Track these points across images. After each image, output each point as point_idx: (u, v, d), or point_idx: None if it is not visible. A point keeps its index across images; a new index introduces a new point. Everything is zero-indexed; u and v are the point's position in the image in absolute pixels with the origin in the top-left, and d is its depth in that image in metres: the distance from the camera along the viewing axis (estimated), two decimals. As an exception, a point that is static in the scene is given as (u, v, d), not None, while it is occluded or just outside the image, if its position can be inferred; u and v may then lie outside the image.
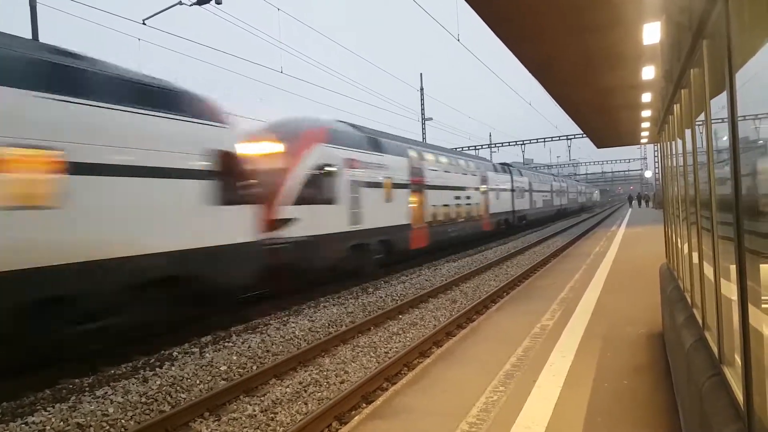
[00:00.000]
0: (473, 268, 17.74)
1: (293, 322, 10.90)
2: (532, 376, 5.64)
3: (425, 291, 13.51)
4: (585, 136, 25.11)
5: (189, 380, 7.53)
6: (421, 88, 39.57)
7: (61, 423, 6.11)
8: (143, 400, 6.82)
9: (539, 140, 52.24)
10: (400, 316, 11.26)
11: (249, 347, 9.11)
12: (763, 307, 1.84)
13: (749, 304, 1.83)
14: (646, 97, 10.97)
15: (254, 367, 8.13)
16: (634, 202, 65.20)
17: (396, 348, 8.93)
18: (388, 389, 6.56)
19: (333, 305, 12.64)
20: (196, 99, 10.18)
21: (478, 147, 52.39)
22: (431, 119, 40.82)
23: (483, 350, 6.98)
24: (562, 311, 8.77)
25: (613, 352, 6.32)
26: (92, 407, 6.54)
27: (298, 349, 8.93)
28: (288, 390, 7.09)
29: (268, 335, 9.91)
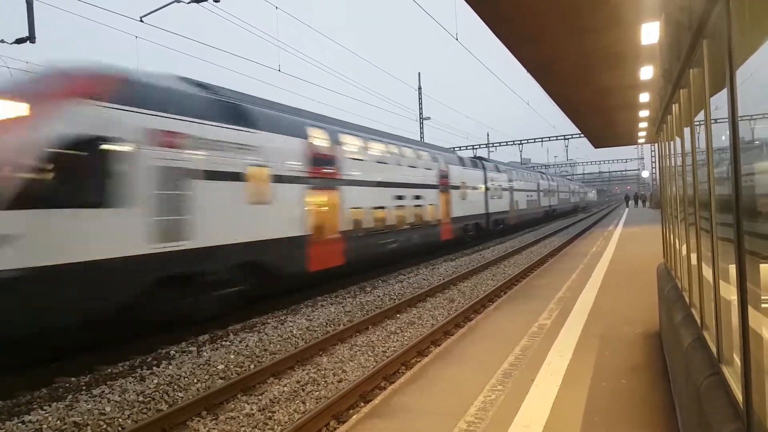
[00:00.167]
0: (471, 267, 17.77)
1: (291, 321, 10.90)
2: (530, 375, 5.65)
3: (423, 290, 13.52)
4: (582, 136, 25.15)
5: (186, 379, 7.51)
6: (419, 88, 39.61)
7: (58, 422, 6.09)
8: (140, 399, 6.80)
9: (536, 140, 52.30)
10: (398, 315, 11.27)
11: (247, 346, 9.09)
12: (762, 307, 1.85)
13: (748, 304, 1.84)
14: (644, 97, 10.99)
15: (252, 366, 8.12)
16: (631, 202, 65.35)
17: (394, 347, 8.93)
18: (386, 388, 6.55)
19: (331, 304, 12.63)
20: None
21: (475, 147, 52.47)
22: (429, 119, 40.90)
23: (481, 349, 6.99)
24: (560, 310, 8.79)
25: (610, 352, 6.33)
26: (89, 406, 6.53)
27: (296, 348, 8.93)
28: (286, 389, 7.08)
29: (266, 334, 9.90)
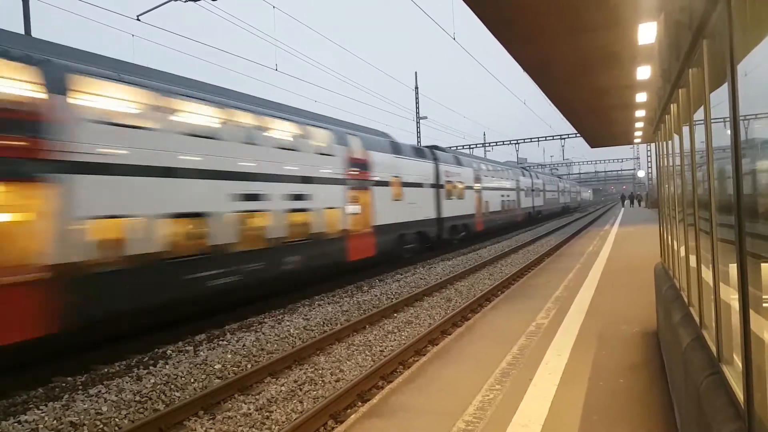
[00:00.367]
0: (467, 266, 17.78)
1: (288, 321, 10.88)
2: (528, 374, 5.66)
3: (420, 289, 13.52)
4: (579, 135, 25.23)
5: (183, 379, 7.49)
6: (416, 87, 39.62)
7: (55, 422, 6.06)
8: (137, 398, 6.78)
9: (533, 140, 52.39)
10: (395, 315, 11.26)
11: (244, 345, 9.07)
12: (763, 306, 1.85)
13: (749, 304, 1.84)
14: (641, 97, 11.03)
15: (249, 366, 8.10)
16: (627, 201, 65.56)
17: (391, 346, 8.93)
18: (384, 388, 6.55)
19: (328, 303, 12.62)
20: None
21: (472, 146, 52.52)
22: (425, 118, 40.90)
23: (479, 349, 6.99)
24: (557, 310, 8.81)
25: (608, 351, 6.34)
26: (86, 406, 6.50)
27: (293, 347, 8.91)
28: (283, 388, 7.07)
29: (263, 333, 9.88)
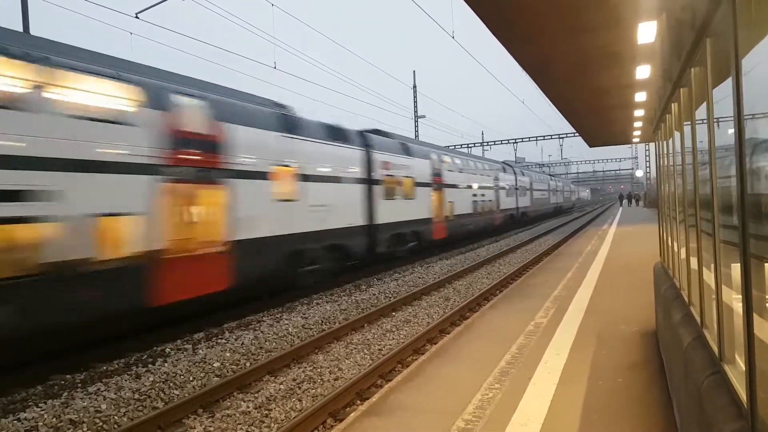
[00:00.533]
0: (465, 266, 17.78)
1: (286, 319, 10.87)
2: (527, 373, 5.66)
3: (418, 288, 13.51)
4: (577, 135, 25.25)
5: (182, 377, 7.47)
6: (414, 86, 39.60)
7: (54, 419, 6.05)
8: (136, 396, 6.76)
9: (531, 139, 52.41)
10: (394, 314, 11.26)
11: (242, 344, 9.06)
12: (767, 307, 1.85)
13: (753, 303, 1.84)
14: (640, 97, 11.04)
15: (248, 364, 8.09)
16: (625, 201, 65.69)
17: (390, 345, 8.93)
18: (382, 386, 6.55)
19: (326, 302, 12.61)
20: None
21: (470, 145, 52.54)
22: (424, 117, 40.91)
23: (477, 348, 7.00)
24: (556, 309, 8.82)
25: (607, 350, 6.36)
26: (85, 403, 6.48)
27: (292, 345, 8.90)
28: (282, 387, 7.06)
29: (261, 332, 9.87)
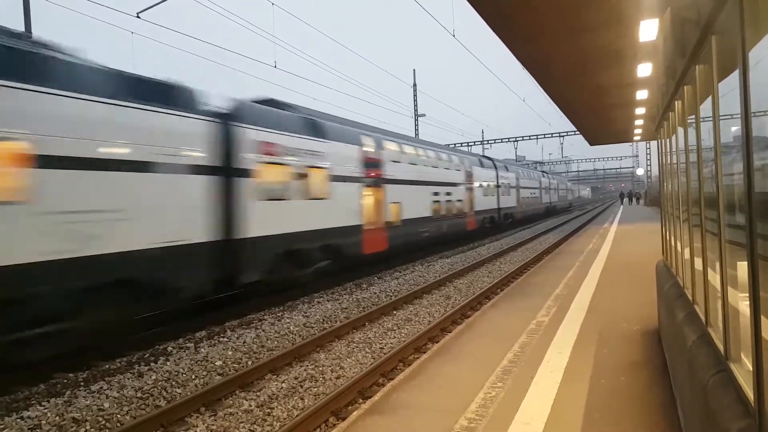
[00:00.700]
0: (466, 264, 17.78)
1: (288, 318, 10.88)
2: (530, 372, 5.66)
3: (419, 287, 13.52)
4: (578, 133, 25.23)
5: (184, 375, 7.48)
6: (414, 85, 39.59)
7: (57, 417, 6.06)
8: (139, 395, 6.77)
9: (531, 137, 52.38)
10: (395, 312, 11.26)
11: (244, 342, 9.07)
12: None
13: (760, 303, 1.84)
14: (641, 95, 11.03)
15: (249, 362, 8.10)
16: (626, 199, 65.68)
17: (391, 344, 8.93)
18: (384, 385, 6.56)
19: (327, 301, 12.62)
20: None
21: (470, 144, 52.52)
22: (424, 115, 40.91)
23: (479, 346, 6.99)
24: (557, 308, 8.81)
25: (609, 349, 6.35)
26: (87, 402, 6.49)
27: (293, 344, 8.91)
28: (284, 385, 7.07)
29: (263, 330, 9.87)
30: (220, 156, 10.65)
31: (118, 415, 6.20)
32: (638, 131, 19.67)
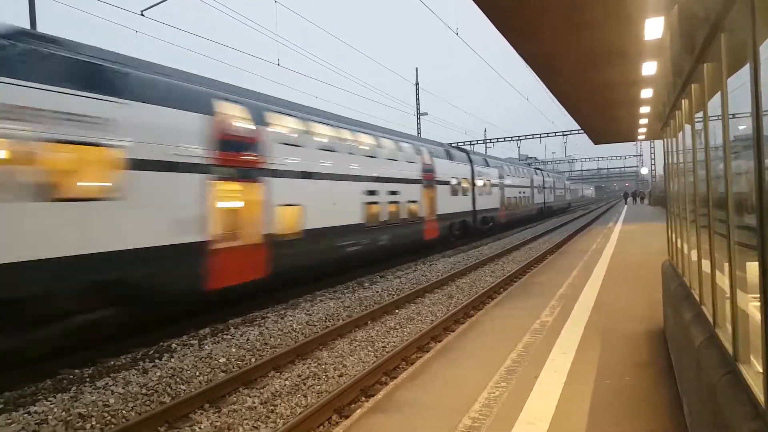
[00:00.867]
0: (469, 263, 17.77)
1: (291, 316, 10.89)
2: (534, 372, 5.64)
3: (421, 286, 13.51)
4: (582, 132, 25.17)
5: (189, 372, 7.50)
6: (416, 83, 39.55)
7: (63, 413, 6.09)
8: (143, 391, 6.80)
9: (535, 136, 52.28)
10: (397, 311, 11.26)
11: (247, 340, 9.08)
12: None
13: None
14: (646, 93, 10.99)
15: (253, 360, 8.11)
16: (630, 198, 65.48)
17: (394, 342, 8.93)
18: (387, 384, 6.55)
19: (330, 299, 12.63)
20: None
21: (473, 142, 52.47)
22: (426, 114, 40.88)
23: (482, 346, 6.98)
24: (562, 307, 8.79)
25: (613, 349, 6.33)
26: (93, 398, 6.53)
27: (296, 342, 8.92)
28: (287, 383, 7.08)
29: (266, 328, 9.89)
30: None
31: (123, 411, 6.23)
32: (642, 130, 19.62)
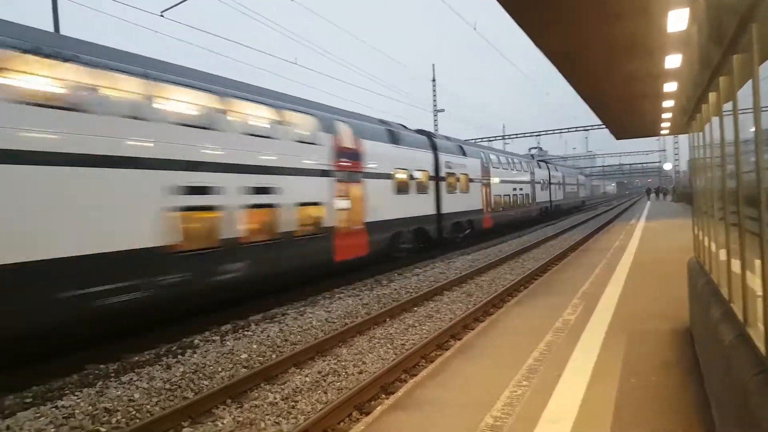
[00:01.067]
0: (488, 261, 17.64)
1: (310, 313, 10.96)
2: (556, 370, 5.58)
3: (440, 284, 13.47)
4: (603, 127, 24.74)
5: (211, 368, 7.62)
6: (433, 79, 39.38)
7: (90, 407, 6.24)
8: (167, 386, 6.92)
9: (555, 131, 51.64)
10: (416, 309, 11.24)
11: (268, 336, 9.18)
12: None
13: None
14: (670, 87, 10.73)
15: (274, 356, 8.19)
16: (652, 194, 64.32)
17: (413, 340, 8.92)
18: (407, 381, 6.55)
19: (348, 296, 12.67)
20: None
21: (491, 138, 52.05)
22: (443, 110, 40.71)
23: (503, 344, 6.93)
24: (584, 306, 8.67)
25: (638, 348, 6.22)
26: (118, 392, 6.67)
27: (316, 339, 8.97)
28: (307, 379, 7.13)
29: (286, 325, 9.97)
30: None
31: (148, 406, 6.35)
32: (666, 125, 19.19)
